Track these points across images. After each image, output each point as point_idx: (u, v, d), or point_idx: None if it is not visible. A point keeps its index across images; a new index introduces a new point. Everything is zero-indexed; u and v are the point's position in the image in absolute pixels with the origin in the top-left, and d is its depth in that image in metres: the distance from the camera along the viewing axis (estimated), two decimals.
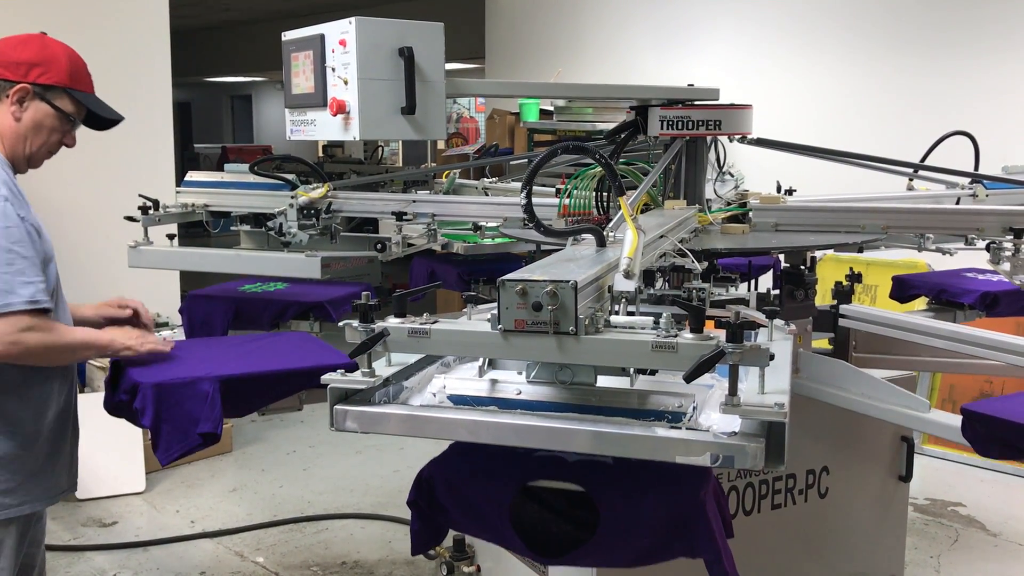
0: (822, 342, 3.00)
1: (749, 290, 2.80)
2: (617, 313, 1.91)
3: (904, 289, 3.49)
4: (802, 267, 2.78)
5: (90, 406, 4.88)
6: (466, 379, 1.97)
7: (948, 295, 3.28)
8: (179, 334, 3.24)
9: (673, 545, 1.82)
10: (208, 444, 2.23)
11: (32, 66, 2.32)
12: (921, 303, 3.53)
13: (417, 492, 1.97)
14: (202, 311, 3.23)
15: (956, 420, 2.09)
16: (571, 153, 2.36)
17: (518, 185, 4.24)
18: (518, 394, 1.89)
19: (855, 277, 2.99)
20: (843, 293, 2.88)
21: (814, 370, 2.44)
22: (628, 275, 1.85)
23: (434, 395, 1.93)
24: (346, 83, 2.40)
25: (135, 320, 2.62)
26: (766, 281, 2.93)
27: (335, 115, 2.44)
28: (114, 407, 2.45)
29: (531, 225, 2.04)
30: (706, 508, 1.80)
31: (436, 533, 2.01)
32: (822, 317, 2.80)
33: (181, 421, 2.22)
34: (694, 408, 1.77)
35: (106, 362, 4.83)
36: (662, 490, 1.82)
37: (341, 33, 2.41)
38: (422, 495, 1.96)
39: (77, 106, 2.42)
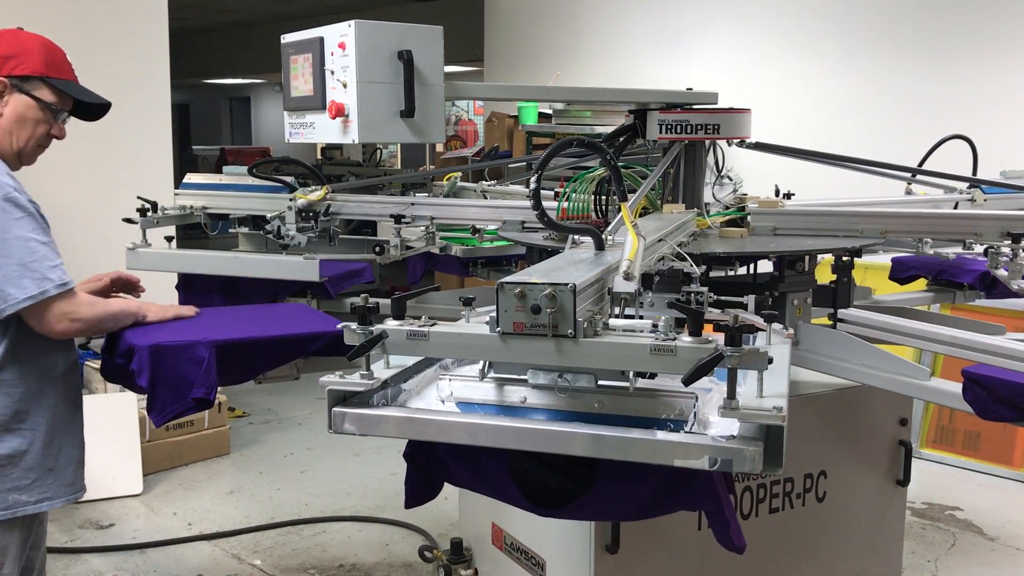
0: (822, 319, 2.98)
1: (748, 272, 2.80)
2: (618, 316, 1.91)
3: (903, 270, 3.47)
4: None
5: (88, 408, 4.88)
6: (471, 384, 1.98)
7: (947, 275, 3.27)
8: None
9: (673, 497, 1.83)
10: (201, 408, 2.28)
11: (6, 59, 2.33)
12: (920, 285, 3.51)
13: (414, 445, 1.97)
14: (200, 287, 3.27)
15: (956, 387, 2.10)
16: (583, 148, 2.36)
17: (517, 188, 4.24)
18: (523, 401, 1.90)
19: (855, 253, 2.96)
20: (843, 268, 2.85)
21: (813, 341, 2.45)
22: (628, 276, 1.86)
23: (443, 401, 1.94)
24: (345, 86, 2.40)
25: (125, 288, 2.70)
26: (766, 264, 2.91)
27: (334, 118, 2.44)
28: (111, 372, 2.49)
29: (536, 214, 2.04)
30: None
31: (432, 487, 2.03)
32: (821, 292, 2.80)
33: (176, 384, 2.25)
34: (695, 414, 1.77)
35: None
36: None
37: (340, 36, 2.41)
38: (419, 448, 1.97)
39: (59, 95, 2.42)
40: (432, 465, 1.98)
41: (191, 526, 4.37)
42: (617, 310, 1.89)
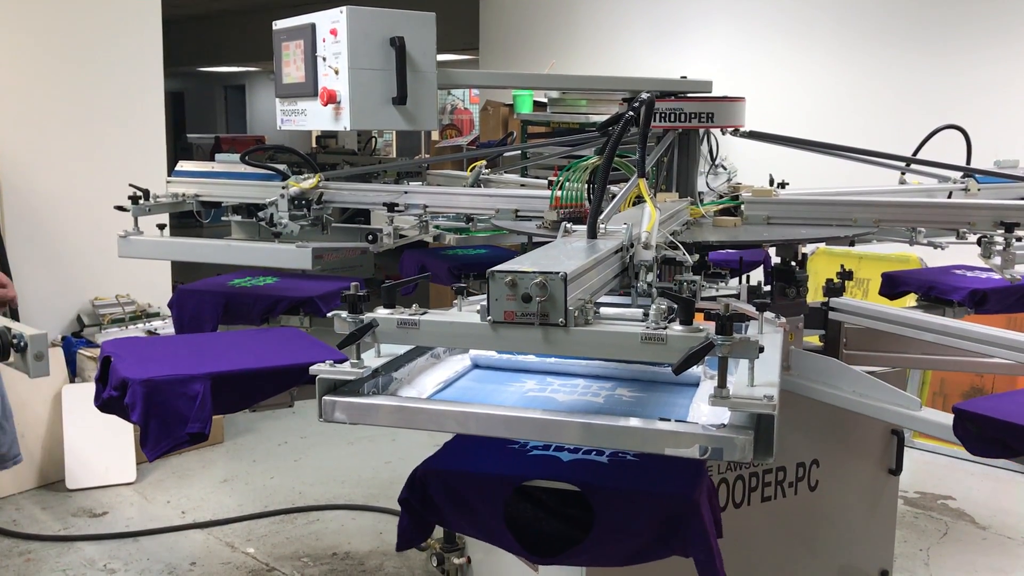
0: (812, 338, 3.00)
1: (740, 284, 2.80)
2: (638, 281, 1.97)
3: (894, 286, 3.49)
4: (792, 263, 2.77)
5: (81, 396, 4.88)
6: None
7: (937, 292, 3.29)
8: (169, 326, 3.23)
9: (666, 544, 1.83)
10: (196, 442, 2.21)
11: None
12: (911, 299, 3.53)
13: (410, 490, 1.97)
14: (192, 306, 3.19)
15: (948, 419, 2.09)
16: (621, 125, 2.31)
17: (512, 177, 4.23)
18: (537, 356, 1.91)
19: (846, 274, 2.99)
20: (834, 290, 2.88)
21: (805, 367, 2.44)
22: (647, 246, 1.94)
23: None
24: (337, 73, 2.39)
25: None
26: (757, 276, 2.92)
27: (326, 105, 2.43)
28: (104, 404, 2.39)
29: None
30: (700, 508, 1.80)
31: (424, 531, 2.02)
32: (812, 314, 2.80)
33: (170, 418, 2.19)
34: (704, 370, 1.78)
35: (97, 352, 4.84)
36: (657, 489, 1.83)
37: (332, 22, 2.40)
38: (415, 493, 1.96)
39: None
40: (425, 509, 1.97)
41: (184, 514, 4.37)
42: (639, 277, 1.97)
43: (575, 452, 1.98)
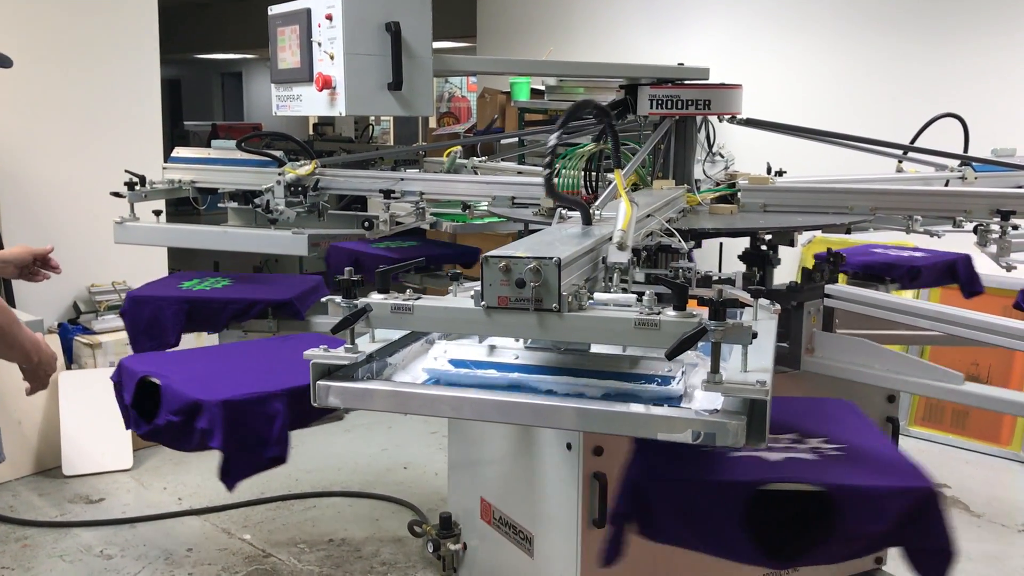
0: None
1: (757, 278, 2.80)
2: (612, 284, 1.90)
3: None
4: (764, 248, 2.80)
5: (77, 383, 4.88)
6: (466, 344, 1.98)
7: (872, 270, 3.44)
8: None
9: (905, 531, 1.77)
10: (275, 466, 2.11)
11: None
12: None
13: (630, 502, 1.78)
14: (148, 314, 2.95)
15: (992, 391, 2.18)
16: (591, 114, 2.32)
17: (508, 164, 4.22)
18: (516, 359, 1.89)
19: (836, 256, 2.97)
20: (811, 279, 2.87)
21: (831, 348, 2.46)
22: (621, 247, 1.85)
23: (436, 359, 1.94)
24: (332, 58, 2.39)
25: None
26: (781, 275, 2.94)
27: (321, 90, 2.43)
28: (154, 432, 2.26)
29: (544, 175, 2.01)
30: (939, 497, 1.77)
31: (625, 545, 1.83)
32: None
33: (252, 442, 2.10)
34: (683, 372, 1.77)
35: (96, 339, 4.84)
36: (895, 479, 1.79)
37: (327, 7, 2.39)
38: (635, 504, 1.78)
39: None
40: (649, 527, 1.79)
41: (181, 501, 4.38)
42: (612, 279, 1.88)
43: (774, 451, 1.87)
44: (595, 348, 1.86)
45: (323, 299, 1.83)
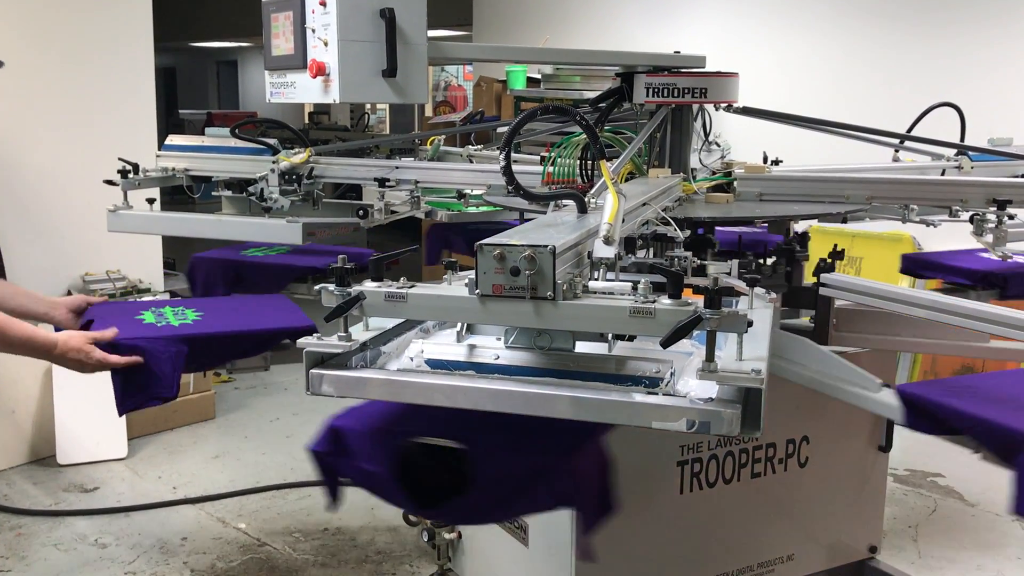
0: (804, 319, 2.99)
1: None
2: (597, 279, 1.90)
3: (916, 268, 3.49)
4: (795, 244, 2.78)
5: (71, 372, 4.85)
6: (444, 344, 1.96)
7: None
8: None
9: (538, 495, 1.85)
10: (166, 401, 2.47)
11: None
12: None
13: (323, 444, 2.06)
14: (203, 273, 3.32)
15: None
16: (552, 114, 2.33)
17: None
18: (496, 359, 1.88)
19: (837, 254, 2.97)
20: (825, 270, 2.86)
21: (777, 346, 2.45)
22: (608, 241, 1.84)
23: (411, 359, 1.92)
24: (326, 44, 2.37)
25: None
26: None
27: (315, 77, 2.40)
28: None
29: (511, 188, 2.02)
30: (572, 462, 1.83)
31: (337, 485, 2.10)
32: (804, 294, 2.80)
33: (142, 378, 2.45)
34: (672, 374, 1.76)
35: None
36: (534, 444, 1.85)
37: None
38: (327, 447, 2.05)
39: None
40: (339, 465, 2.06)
41: (176, 490, 4.38)
42: (597, 275, 1.88)
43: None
44: (580, 348, 1.84)
45: (316, 287, 1.82)
